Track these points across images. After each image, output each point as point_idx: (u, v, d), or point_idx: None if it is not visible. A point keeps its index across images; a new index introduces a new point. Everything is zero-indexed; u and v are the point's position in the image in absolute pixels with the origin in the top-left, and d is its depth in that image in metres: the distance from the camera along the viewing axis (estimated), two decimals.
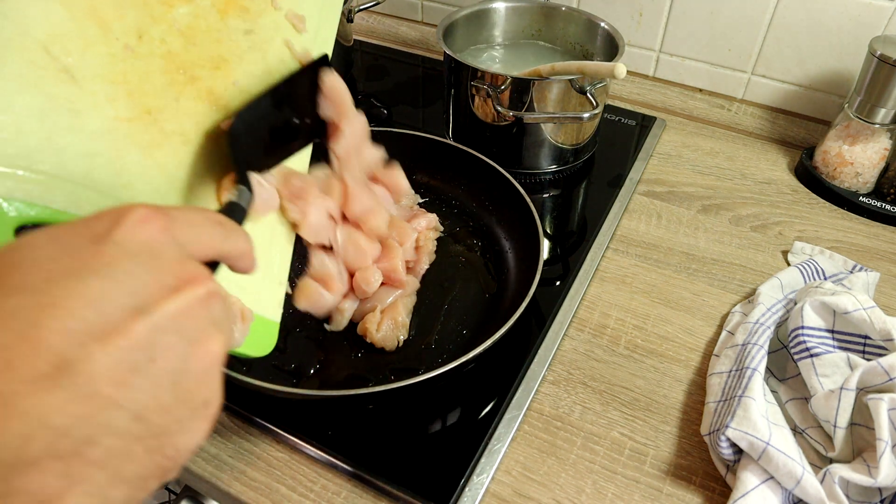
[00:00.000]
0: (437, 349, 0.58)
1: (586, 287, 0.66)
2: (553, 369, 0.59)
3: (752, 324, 0.57)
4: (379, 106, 0.96)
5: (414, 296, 0.62)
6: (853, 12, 0.79)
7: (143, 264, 0.23)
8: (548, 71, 0.72)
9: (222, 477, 0.50)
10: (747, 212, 0.77)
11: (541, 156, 0.80)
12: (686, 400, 0.57)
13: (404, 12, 1.12)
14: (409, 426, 0.53)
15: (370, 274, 0.59)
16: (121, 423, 0.21)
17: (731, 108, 0.93)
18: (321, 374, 0.56)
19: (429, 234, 0.67)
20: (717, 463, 0.51)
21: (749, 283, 0.68)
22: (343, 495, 0.50)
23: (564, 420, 0.55)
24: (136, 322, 0.21)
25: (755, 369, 0.52)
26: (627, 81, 0.98)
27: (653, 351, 0.61)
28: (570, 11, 0.86)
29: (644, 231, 0.74)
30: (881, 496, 0.47)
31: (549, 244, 0.73)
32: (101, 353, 0.20)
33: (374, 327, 0.57)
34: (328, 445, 0.51)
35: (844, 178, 0.78)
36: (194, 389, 0.23)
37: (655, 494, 0.50)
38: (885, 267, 0.70)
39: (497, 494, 0.50)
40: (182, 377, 0.23)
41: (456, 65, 0.77)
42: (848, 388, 0.49)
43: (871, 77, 0.72)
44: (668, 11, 0.90)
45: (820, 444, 0.50)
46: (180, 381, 0.23)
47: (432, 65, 1.06)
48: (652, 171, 0.83)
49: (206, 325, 0.24)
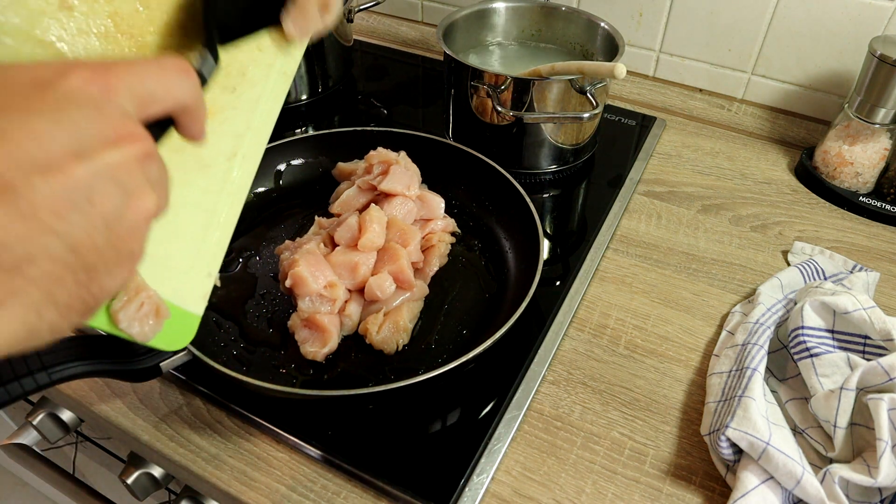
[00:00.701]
0: (437, 349, 0.58)
1: (586, 287, 0.66)
2: (553, 369, 0.59)
3: (752, 324, 0.57)
4: (379, 106, 0.96)
5: (421, 301, 0.62)
6: (853, 12, 0.79)
7: (86, 116, 0.24)
8: (548, 71, 0.72)
9: (222, 477, 0.50)
10: (747, 212, 0.77)
11: (541, 156, 0.80)
12: (686, 400, 0.57)
13: (404, 12, 1.12)
14: (409, 426, 0.53)
15: (383, 280, 0.59)
16: (56, 250, 0.23)
17: (731, 108, 0.93)
18: (321, 373, 0.56)
19: (443, 236, 0.67)
20: (717, 463, 0.51)
21: (749, 283, 0.68)
22: (343, 495, 0.50)
23: (564, 420, 0.55)
24: (77, 164, 0.23)
25: (755, 369, 0.52)
26: (627, 81, 0.98)
27: (653, 351, 0.61)
28: (570, 11, 0.86)
29: (644, 231, 0.74)
30: (881, 496, 0.47)
31: (549, 244, 0.72)
32: (42, 184, 0.22)
33: (374, 329, 0.57)
34: (328, 445, 0.51)
35: (844, 178, 0.78)
36: (124, 238, 0.25)
37: (655, 494, 0.50)
38: (885, 267, 0.70)
39: (497, 494, 0.50)
40: (115, 224, 0.25)
41: (456, 65, 0.77)
42: (848, 388, 0.49)
43: (871, 77, 0.72)
44: (668, 11, 0.90)
45: (820, 444, 0.50)
46: (113, 227, 0.25)
47: (432, 65, 1.06)
48: (652, 171, 0.83)
49: (141, 183, 0.26)
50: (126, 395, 0.56)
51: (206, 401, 0.55)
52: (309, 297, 0.57)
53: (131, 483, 0.56)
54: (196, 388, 0.55)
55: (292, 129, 0.91)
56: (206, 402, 0.55)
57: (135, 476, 0.57)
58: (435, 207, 0.68)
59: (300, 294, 0.57)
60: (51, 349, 0.41)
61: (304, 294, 0.57)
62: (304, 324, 0.57)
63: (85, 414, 0.57)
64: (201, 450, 0.52)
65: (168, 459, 0.52)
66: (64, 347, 0.42)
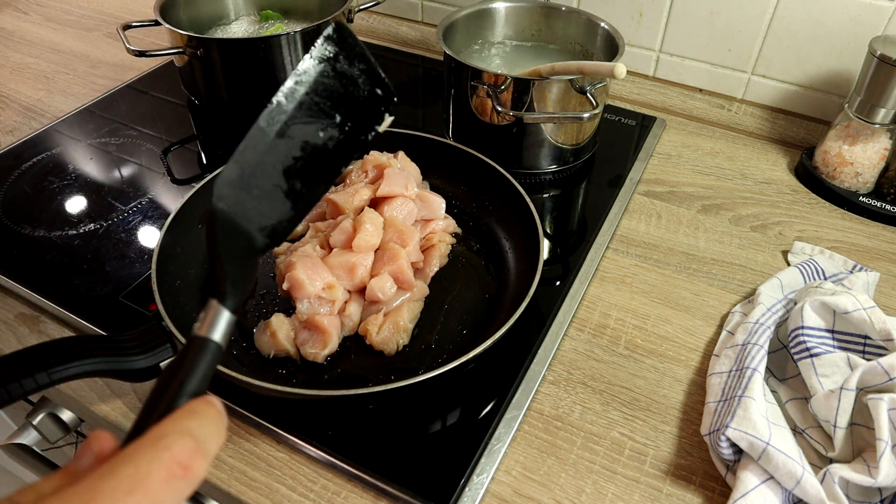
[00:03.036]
0: (437, 349, 0.58)
1: (586, 287, 0.66)
2: (553, 369, 0.59)
3: (752, 324, 0.57)
4: None
5: (422, 302, 0.62)
6: (853, 12, 0.79)
7: None
8: (548, 71, 0.72)
9: (222, 477, 0.50)
10: (747, 212, 0.77)
11: (541, 156, 0.80)
12: (686, 400, 0.57)
13: (404, 12, 1.12)
14: (409, 426, 0.53)
15: (384, 282, 0.59)
16: None
17: (731, 108, 0.93)
18: (321, 374, 0.56)
19: (444, 236, 0.67)
20: (717, 463, 0.51)
21: (749, 283, 0.68)
22: (343, 495, 0.50)
23: (564, 420, 0.55)
24: None
25: (755, 369, 0.52)
26: (627, 81, 0.98)
27: (653, 351, 0.61)
28: (570, 11, 0.86)
29: (644, 231, 0.74)
30: (881, 496, 0.47)
31: (549, 244, 0.72)
32: None
33: (374, 329, 0.57)
34: (328, 445, 0.51)
35: (844, 178, 0.78)
36: None
37: (655, 494, 0.50)
38: (885, 267, 0.70)
39: (497, 494, 0.50)
40: None
41: (456, 65, 0.77)
42: (848, 388, 0.49)
43: (871, 77, 0.72)
44: (668, 11, 0.90)
45: (820, 444, 0.50)
46: None
47: (432, 65, 1.06)
48: (652, 171, 0.83)
49: None
50: (126, 395, 0.56)
51: None
52: (307, 300, 0.57)
53: None
54: None
55: None
56: None
57: None
58: (435, 208, 0.68)
59: (298, 297, 0.57)
60: (51, 349, 0.41)
61: (303, 297, 0.57)
62: (303, 325, 0.57)
63: (85, 414, 0.57)
64: None
65: None
66: (64, 347, 0.42)
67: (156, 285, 0.55)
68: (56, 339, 0.42)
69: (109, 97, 0.96)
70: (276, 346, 0.56)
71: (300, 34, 0.85)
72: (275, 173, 0.35)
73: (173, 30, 0.84)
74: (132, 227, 0.73)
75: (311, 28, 0.86)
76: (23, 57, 1.07)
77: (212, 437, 0.27)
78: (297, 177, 0.36)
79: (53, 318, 0.63)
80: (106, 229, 0.72)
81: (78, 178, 0.80)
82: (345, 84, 0.38)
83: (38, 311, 0.64)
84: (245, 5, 1.02)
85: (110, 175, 0.81)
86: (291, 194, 0.36)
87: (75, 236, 0.71)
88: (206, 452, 0.26)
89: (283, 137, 0.36)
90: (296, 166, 0.36)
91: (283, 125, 0.36)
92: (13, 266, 0.67)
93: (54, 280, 0.65)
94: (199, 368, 0.30)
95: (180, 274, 0.61)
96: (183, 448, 0.25)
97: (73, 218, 0.74)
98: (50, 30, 1.15)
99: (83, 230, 0.72)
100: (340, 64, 0.37)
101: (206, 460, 0.26)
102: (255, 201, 0.34)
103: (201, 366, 0.30)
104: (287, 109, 0.36)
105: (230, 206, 0.33)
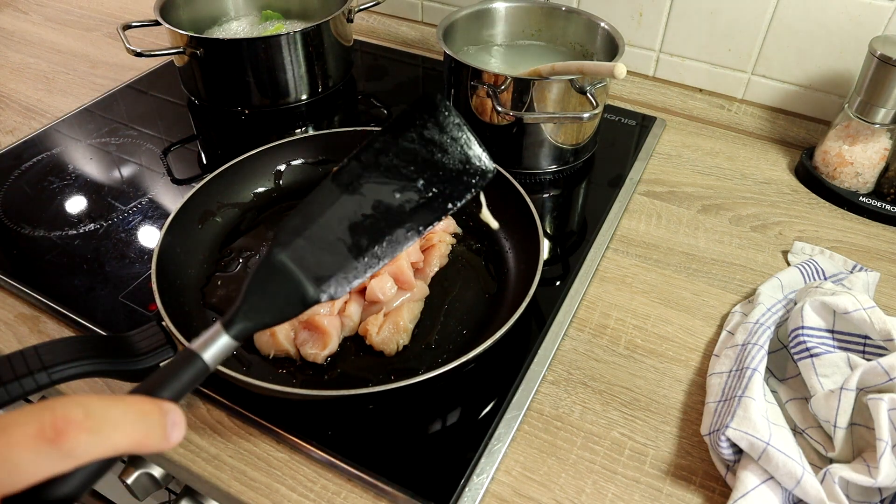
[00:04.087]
0: (437, 349, 0.58)
1: (586, 287, 0.66)
2: (553, 369, 0.59)
3: (752, 324, 0.57)
4: (379, 106, 0.96)
5: (422, 302, 0.62)
6: (853, 12, 0.79)
7: None
8: (548, 71, 0.72)
9: (222, 477, 0.50)
10: (747, 212, 0.77)
11: (541, 156, 0.80)
12: (686, 400, 0.57)
13: (404, 12, 1.12)
14: (409, 426, 0.53)
15: (384, 282, 0.59)
16: None
17: (731, 108, 0.93)
18: (321, 374, 0.56)
19: (444, 236, 0.67)
20: (717, 463, 0.51)
21: (749, 283, 0.68)
22: (343, 495, 0.50)
23: (564, 420, 0.55)
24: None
25: (755, 369, 0.52)
26: (627, 81, 0.98)
27: (653, 351, 0.61)
28: (570, 11, 0.86)
29: (644, 231, 0.74)
30: (881, 496, 0.47)
31: (549, 244, 0.72)
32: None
33: (374, 329, 0.57)
34: (328, 445, 0.51)
35: (844, 178, 0.78)
36: None
37: (655, 494, 0.50)
38: (885, 267, 0.70)
39: (497, 494, 0.50)
40: None
41: (456, 65, 0.77)
42: (848, 388, 0.49)
43: (871, 77, 0.72)
44: (668, 11, 0.90)
45: (820, 444, 0.50)
46: None
47: (432, 65, 1.06)
48: (652, 171, 0.83)
49: None
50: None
51: (206, 401, 0.55)
52: None
53: (131, 483, 0.56)
54: (196, 388, 0.55)
55: (292, 129, 0.91)
56: (206, 403, 0.55)
57: (135, 476, 0.57)
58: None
59: None
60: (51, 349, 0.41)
61: None
62: (303, 325, 0.57)
63: None
64: (201, 450, 0.52)
65: (168, 459, 0.52)
66: (64, 347, 0.42)
67: (156, 285, 0.55)
68: (56, 339, 0.42)
69: (109, 97, 0.96)
70: (276, 346, 0.56)
71: (300, 34, 0.85)
72: (340, 227, 0.36)
73: (173, 30, 0.84)
74: (132, 227, 0.73)
75: (311, 28, 0.86)
76: (23, 57, 1.07)
77: (117, 424, 0.25)
78: (364, 233, 0.36)
79: (53, 318, 0.63)
80: (106, 229, 0.72)
81: (78, 178, 0.80)
82: (431, 151, 0.38)
83: (38, 311, 0.64)
84: (245, 5, 1.02)
85: (110, 175, 0.81)
86: (355, 249, 0.36)
87: (75, 236, 0.71)
88: (93, 430, 0.24)
89: (353, 193, 0.36)
90: (364, 223, 0.36)
91: (355, 181, 0.36)
92: (13, 266, 0.67)
93: (54, 280, 0.65)
94: (177, 378, 0.29)
95: (180, 274, 0.61)
96: (65, 414, 0.24)
97: (73, 218, 0.74)
98: (50, 30, 1.15)
99: (83, 230, 0.72)
100: (429, 131, 0.39)
101: (89, 437, 0.24)
102: (315, 251, 0.35)
103: (180, 376, 0.30)
104: (360, 167, 0.37)
105: (286, 250, 0.34)
